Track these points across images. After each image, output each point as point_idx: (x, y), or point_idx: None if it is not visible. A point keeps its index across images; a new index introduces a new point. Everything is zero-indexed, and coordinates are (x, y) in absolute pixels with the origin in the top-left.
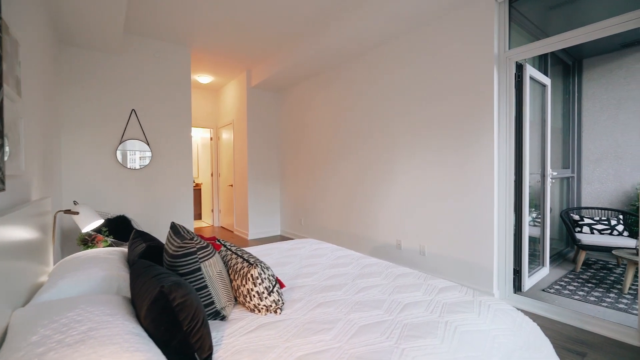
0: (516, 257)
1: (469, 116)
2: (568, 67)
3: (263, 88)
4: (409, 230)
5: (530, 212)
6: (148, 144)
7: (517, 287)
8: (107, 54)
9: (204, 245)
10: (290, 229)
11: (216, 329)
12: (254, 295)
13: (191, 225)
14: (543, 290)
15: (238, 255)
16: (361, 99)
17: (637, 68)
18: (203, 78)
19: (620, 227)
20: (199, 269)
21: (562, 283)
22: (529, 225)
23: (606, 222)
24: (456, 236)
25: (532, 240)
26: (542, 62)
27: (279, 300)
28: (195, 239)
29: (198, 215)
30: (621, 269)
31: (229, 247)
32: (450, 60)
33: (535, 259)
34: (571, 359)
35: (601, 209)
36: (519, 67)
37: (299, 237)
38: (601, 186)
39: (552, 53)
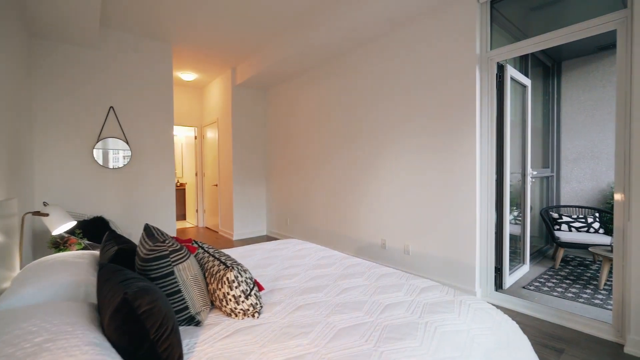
0: (497, 256)
1: (452, 116)
2: (548, 68)
3: (248, 86)
4: (394, 229)
5: (511, 210)
6: (127, 143)
7: (499, 284)
8: (84, 48)
9: (177, 248)
10: (276, 229)
11: (190, 335)
12: (230, 299)
13: (173, 226)
14: (524, 287)
15: (215, 257)
16: (346, 98)
17: (612, 70)
18: (186, 75)
19: (596, 225)
20: (172, 273)
21: (542, 280)
22: (511, 223)
23: (583, 220)
24: (440, 235)
25: (513, 238)
26: (523, 63)
27: (256, 303)
28: (167, 241)
29: (182, 216)
30: (597, 265)
31: (206, 249)
32: (434, 59)
33: (517, 256)
34: (550, 355)
35: (579, 207)
36: (500, 68)
37: (285, 237)
38: (579, 185)
39: (533, 55)
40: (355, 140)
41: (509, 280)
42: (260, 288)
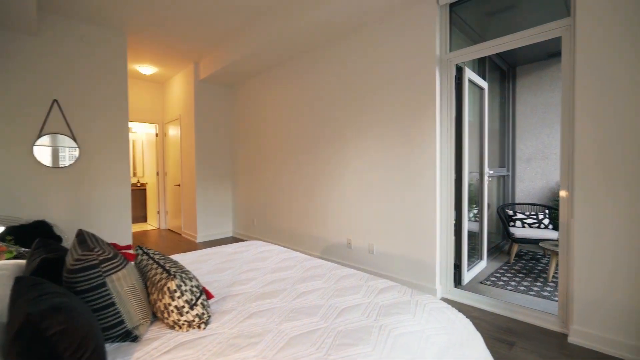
0: (457, 253)
1: (414, 117)
2: (504, 73)
3: (212, 82)
4: (359, 229)
5: (471, 208)
6: (75, 140)
7: (458, 281)
8: (20, 34)
9: (110, 256)
10: (242, 230)
11: (123, 353)
12: (172, 311)
13: (129, 229)
14: (481, 282)
15: (159, 264)
16: (311, 98)
17: (560, 76)
18: (145, 68)
19: (546, 221)
20: (103, 284)
21: (498, 274)
22: (470, 221)
23: (535, 217)
24: (402, 234)
25: (473, 235)
26: (481, 67)
27: (203, 313)
28: (97, 249)
29: (143, 218)
30: (547, 259)
31: (151, 256)
32: (396, 60)
33: (475, 252)
34: (502, 348)
35: (531, 204)
36: (459, 70)
37: (252, 238)
38: (531, 183)
39: (490, 59)
40: (322, 139)
41: (467, 276)
42: (209, 296)
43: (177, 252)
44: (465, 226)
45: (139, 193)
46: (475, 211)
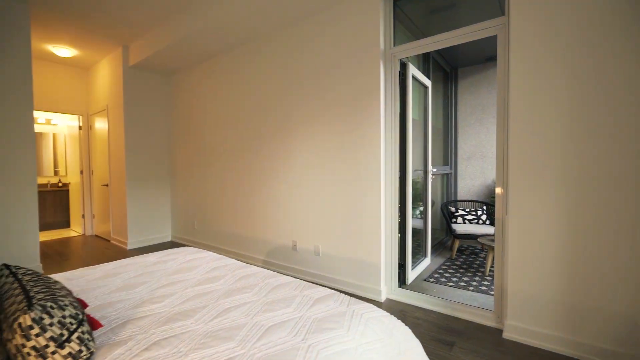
0: (401, 252)
1: (358, 113)
2: (447, 74)
3: (146, 69)
4: (304, 230)
5: (416, 206)
6: None
7: (402, 280)
8: None
9: None
10: (182, 234)
11: None
12: (28, 354)
13: (35, 238)
14: (425, 280)
15: (24, 289)
16: (255, 91)
17: (495, 79)
18: (61, 50)
19: (484, 217)
20: None
21: (441, 271)
22: (416, 218)
23: (474, 213)
24: (347, 234)
25: (417, 232)
26: (425, 66)
27: (80, 351)
28: None
29: (65, 223)
30: (485, 253)
31: (18, 277)
32: (341, 54)
33: (420, 250)
34: (442, 350)
35: (470, 201)
36: (403, 66)
37: (193, 242)
38: (471, 181)
39: (434, 60)
40: (267, 135)
41: (412, 275)
42: (96, 326)
43: (101, 261)
44: (410, 225)
45: (60, 194)
46: (422, 209)
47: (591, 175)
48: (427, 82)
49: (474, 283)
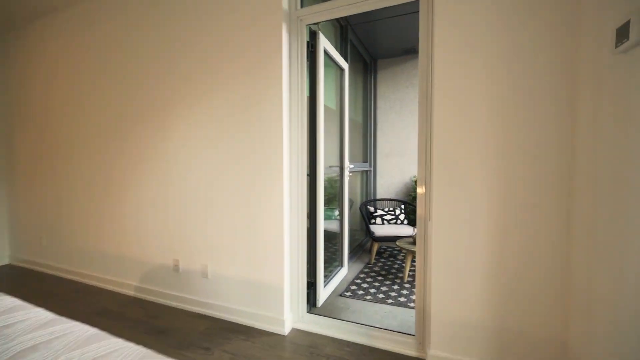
0: (311, 268)
1: (255, 94)
2: (367, 65)
3: None
4: (189, 246)
5: (333, 207)
6: None
7: (312, 303)
8: None
9: None
10: (25, 254)
11: None
12: None
13: None
14: (341, 294)
15: None
16: (124, 62)
17: (414, 74)
18: None
19: (402, 217)
20: None
21: (358, 281)
22: (334, 219)
23: (393, 213)
24: (242, 249)
25: (333, 236)
26: (343, 47)
27: None
28: None
29: None
30: (403, 254)
31: None
32: (233, 16)
33: (336, 257)
34: None
35: (389, 200)
36: (313, 35)
37: (39, 264)
38: (391, 179)
39: (353, 45)
40: (138, 125)
41: (323, 294)
42: None
43: None
44: (321, 233)
45: None
46: (338, 211)
47: (517, 176)
48: (344, 64)
49: (393, 294)
